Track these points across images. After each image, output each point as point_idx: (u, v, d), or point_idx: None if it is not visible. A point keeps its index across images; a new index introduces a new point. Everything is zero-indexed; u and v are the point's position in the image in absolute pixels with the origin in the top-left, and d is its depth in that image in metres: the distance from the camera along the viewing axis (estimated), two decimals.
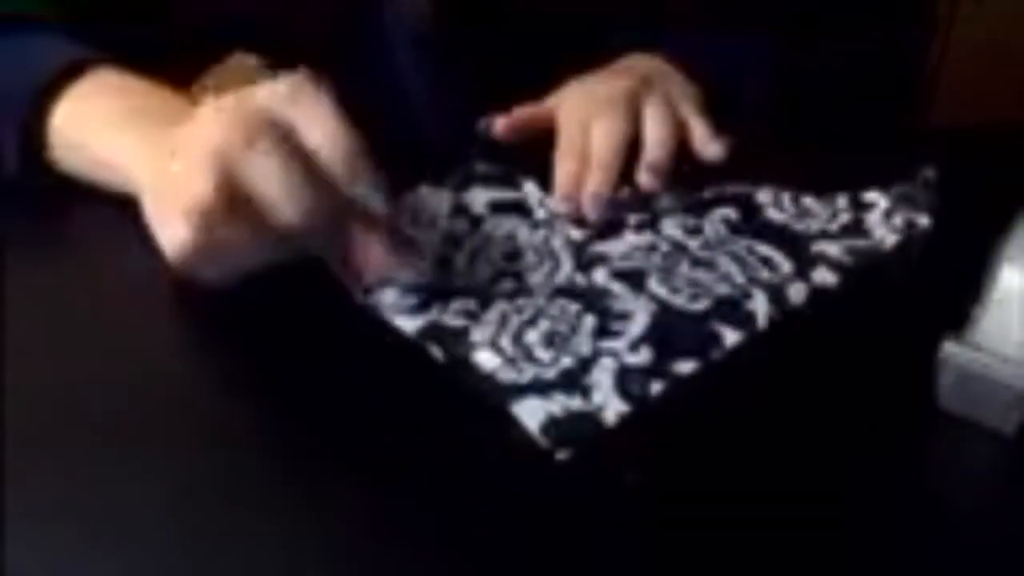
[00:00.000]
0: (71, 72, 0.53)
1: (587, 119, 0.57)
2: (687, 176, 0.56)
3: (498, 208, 0.54)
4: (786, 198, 0.56)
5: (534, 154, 0.57)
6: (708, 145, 0.59)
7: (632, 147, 0.56)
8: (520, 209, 0.54)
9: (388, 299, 0.46)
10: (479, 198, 0.54)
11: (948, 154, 0.58)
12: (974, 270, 0.42)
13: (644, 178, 0.55)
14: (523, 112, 0.59)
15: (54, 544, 0.34)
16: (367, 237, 0.45)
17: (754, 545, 0.35)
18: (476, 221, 0.53)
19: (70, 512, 0.36)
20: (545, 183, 0.55)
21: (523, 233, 0.52)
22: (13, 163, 0.53)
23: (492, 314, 0.46)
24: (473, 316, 0.45)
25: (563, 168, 0.55)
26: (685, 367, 0.43)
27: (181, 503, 0.36)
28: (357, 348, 0.45)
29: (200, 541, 0.35)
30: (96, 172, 0.52)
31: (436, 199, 0.54)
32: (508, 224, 0.53)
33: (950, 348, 0.40)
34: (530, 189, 0.56)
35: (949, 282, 0.43)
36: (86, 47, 0.55)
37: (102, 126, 0.52)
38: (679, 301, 0.47)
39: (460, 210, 0.53)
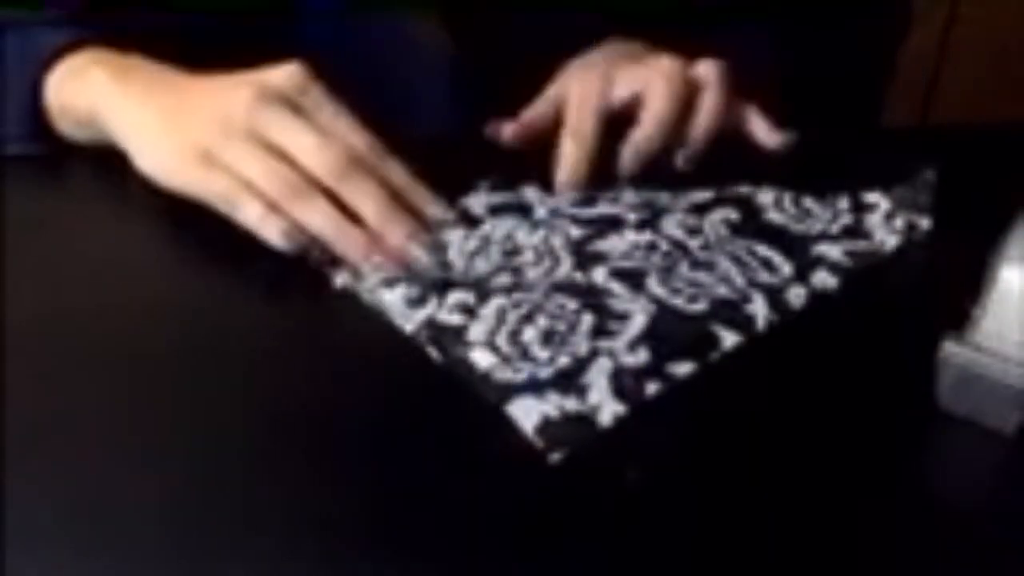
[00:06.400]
0: (73, 47, 0.56)
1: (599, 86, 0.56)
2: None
3: (497, 210, 0.54)
4: (787, 199, 0.55)
5: (534, 155, 0.57)
6: (771, 135, 0.59)
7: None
8: (519, 209, 0.54)
9: (388, 296, 0.46)
10: (478, 201, 0.54)
11: (948, 154, 0.58)
12: (974, 270, 0.42)
13: (627, 156, 0.54)
14: (528, 115, 0.59)
15: (51, 546, 0.34)
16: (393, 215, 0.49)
17: (753, 547, 0.35)
18: (475, 222, 0.53)
19: (67, 512, 0.35)
20: (546, 185, 0.55)
21: (522, 233, 0.52)
22: (24, 124, 0.56)
23: (489, 309, 0.45)
24: (470, 312, 0.45)
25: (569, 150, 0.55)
26: (682, 369, 0.43)
27: (176, 502, 0.36)
28: (352, 347, 0.45)
29: (196, 540, 0.34)
30: (80, 121, 0.55)
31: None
32: (507, 224, 0.53)
33: (950, 348, 0.40)
34: (529, 190, 0.56)
35: (949, 282, 0.43)
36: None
37: (87, 77, 0.55)
38: (678, 302, 0.47)
39: (460, 213, 0.53)
